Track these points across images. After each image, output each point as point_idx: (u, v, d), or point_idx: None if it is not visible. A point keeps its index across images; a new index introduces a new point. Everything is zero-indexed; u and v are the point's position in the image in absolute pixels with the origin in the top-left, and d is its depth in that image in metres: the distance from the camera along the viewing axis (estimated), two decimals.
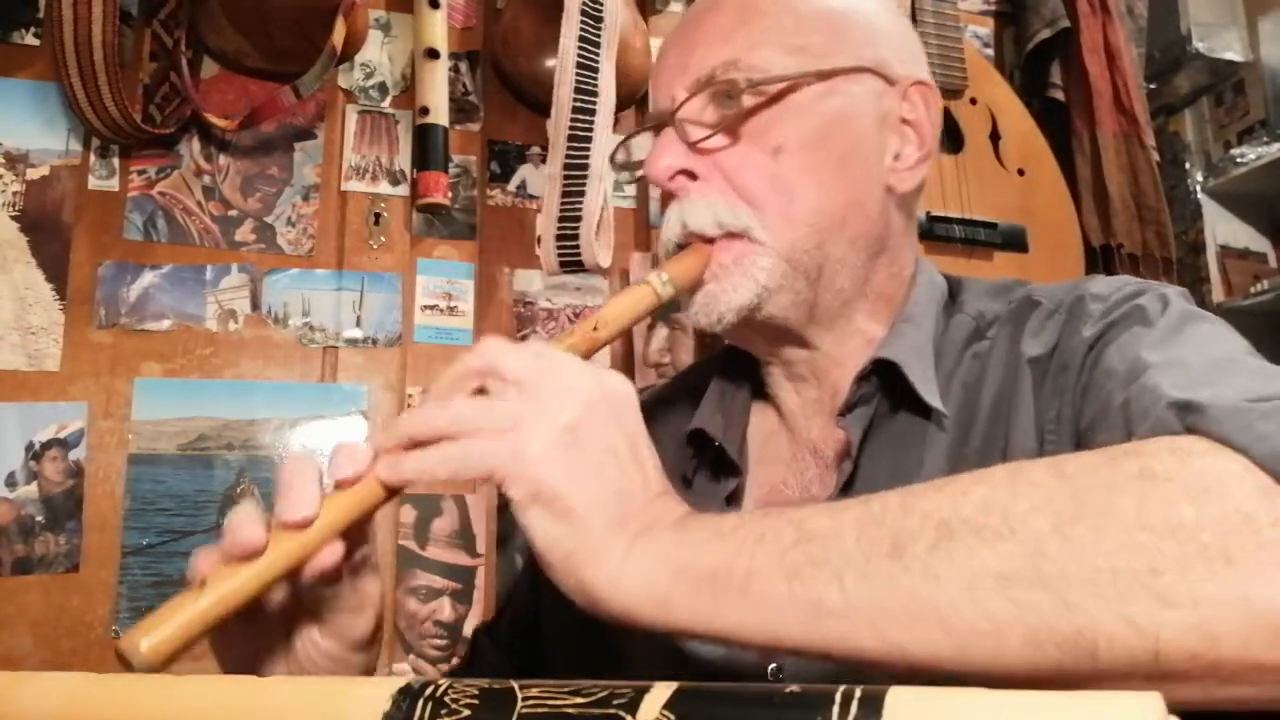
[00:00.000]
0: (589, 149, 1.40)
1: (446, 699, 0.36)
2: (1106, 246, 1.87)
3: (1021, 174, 1.81)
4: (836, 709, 0.31)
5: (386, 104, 1.63)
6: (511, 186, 1.69)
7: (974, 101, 1.81)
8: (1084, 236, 1.85)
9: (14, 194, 1.41)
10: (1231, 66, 2.12)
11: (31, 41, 1.46)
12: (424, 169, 1.55)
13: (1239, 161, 2.06)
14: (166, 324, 1.46)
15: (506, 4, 1.69)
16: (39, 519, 1.35)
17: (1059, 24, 1.91)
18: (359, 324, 1.55)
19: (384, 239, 1.59)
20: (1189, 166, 2.18)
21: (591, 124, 1.41)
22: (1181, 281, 1.91)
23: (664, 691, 0.34)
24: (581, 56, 1.41)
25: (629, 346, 1.67)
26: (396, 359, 1.55)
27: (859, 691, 0.31)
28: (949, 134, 1.77)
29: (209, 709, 0.40)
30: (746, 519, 0.48)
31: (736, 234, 0.67)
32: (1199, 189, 2.15)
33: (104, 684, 0.42)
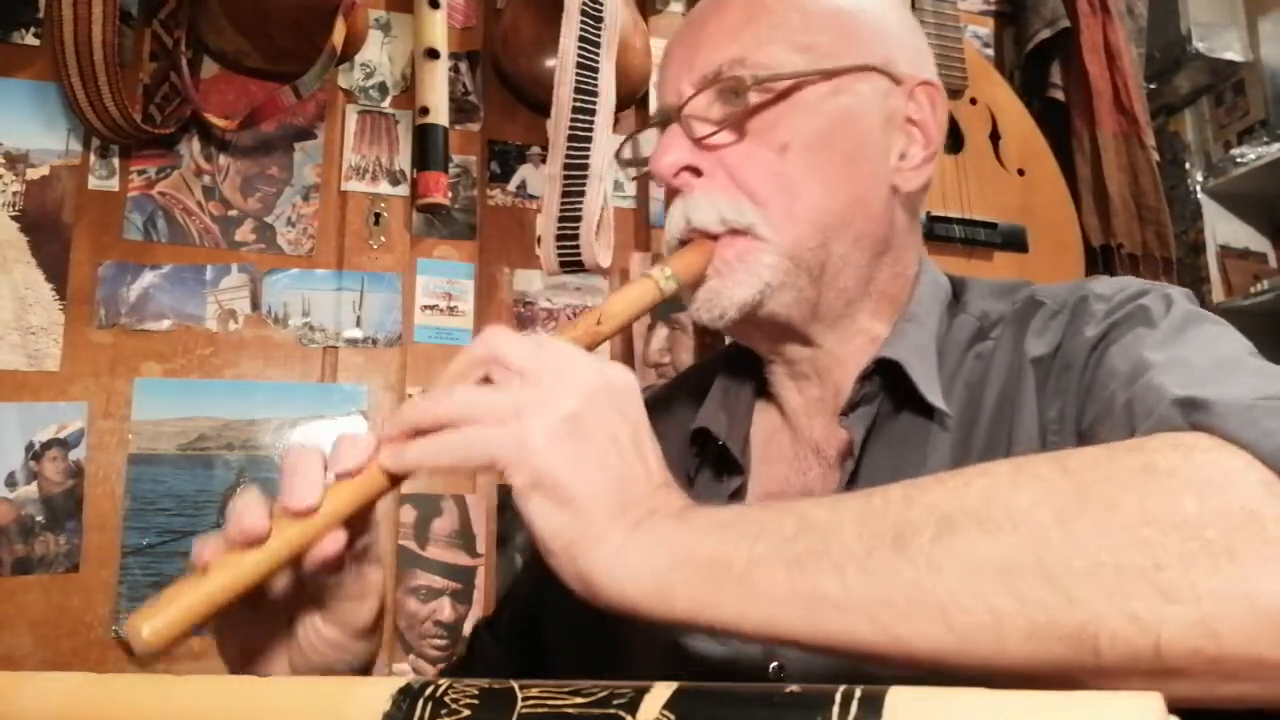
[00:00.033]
0: (589, 149, 1.40)
1: (446, 699, 0.36)
2: (1106, 246, 1.87)
3: (1021, 174, 1.81)
4: (836, 709, 0.31)
5: (386, 104, 1.63)
6: (511, 186, 1.69)
7: (974, 101, 1.81)
8: (1084, 236, 1.85)
9: (14, 194, 1.41)
10: (1231, 66, 2.12)
11: (31, 41, 1.46)
12: (424, 169, 1.55)
13: (1239, 161, 2.06)
14: (166, 324, 1.46)
15: (506, 4, 1.69)
16: (39, 519, 1.35)
17: (1059, 24, 1.91)
18: (359, 324, 1.55)
19: (384, 239, 1.59)
20: (1189, 166, 2.18)
21: (591, 124, 1.41)
22: (1181, 281, 1.90)
23: (664, 691, 0.34)
24: (581, 56, 1.41)
25: (629, 346, 1.67)
26: (396, 359, 1.55)
27: (859, 691, 0.31)
28: (949, 134, 1.76)
29: (209, 709, 0.40)
30: (747, 511, 0.49)
31: (740, 230, 0.67)
32: (1199, 189, 2.15)
33: (104, 684, 0.42)
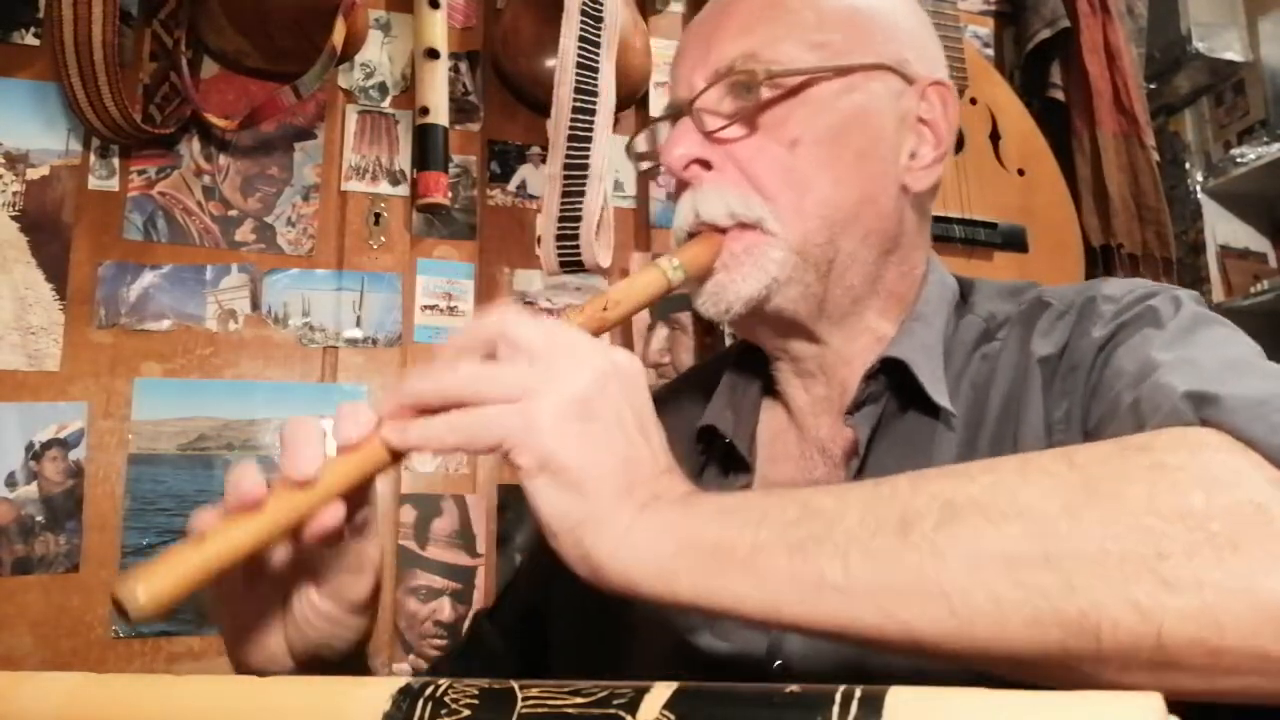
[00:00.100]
0: (589, 149, 1.40)
1: (446, 699, 0.36)
2: (1106, 246, 1.87)
3: (1021, 174, 1.81)
4: (836, 709, 0.31)
5: (386, 104, 1.63)
6: (511, 186, 1.69)
7: (974, 101, 1.81)
8: (1084, 236, 1.85)
9: (14, 194, 1.41)
10: (1231, 66, 2.11)
11: (31, 41, 1.46)
12: (424, 169, 1.55)
13: (1239, 161, 2.06)
14: (166, 324, 1.46)
15: (506, 4, 1.69)
16: (39, 519, 1.35)
17: (1059, 24, 1.91)
18: (359, 324, 1.55)
19: (384, 239, 1.59)
20: (1189, 166, 2.18)
21: (591, 124, 1.41)
22: (1181, 281, 1.91)
23: (664, 691, 0.34)
24: (581, 56, 1.41)
25: (629, 346, 1.67)
26: (396, 359, 1.55)
27: (859, 691, 0.31)
28: None
29: (209, 709, 0.40)
30: (751, 497, 0.49)
31: (749, 225, 0.67)
32: (1199, 189, 2.15)
33: (104, 684, 0.42)
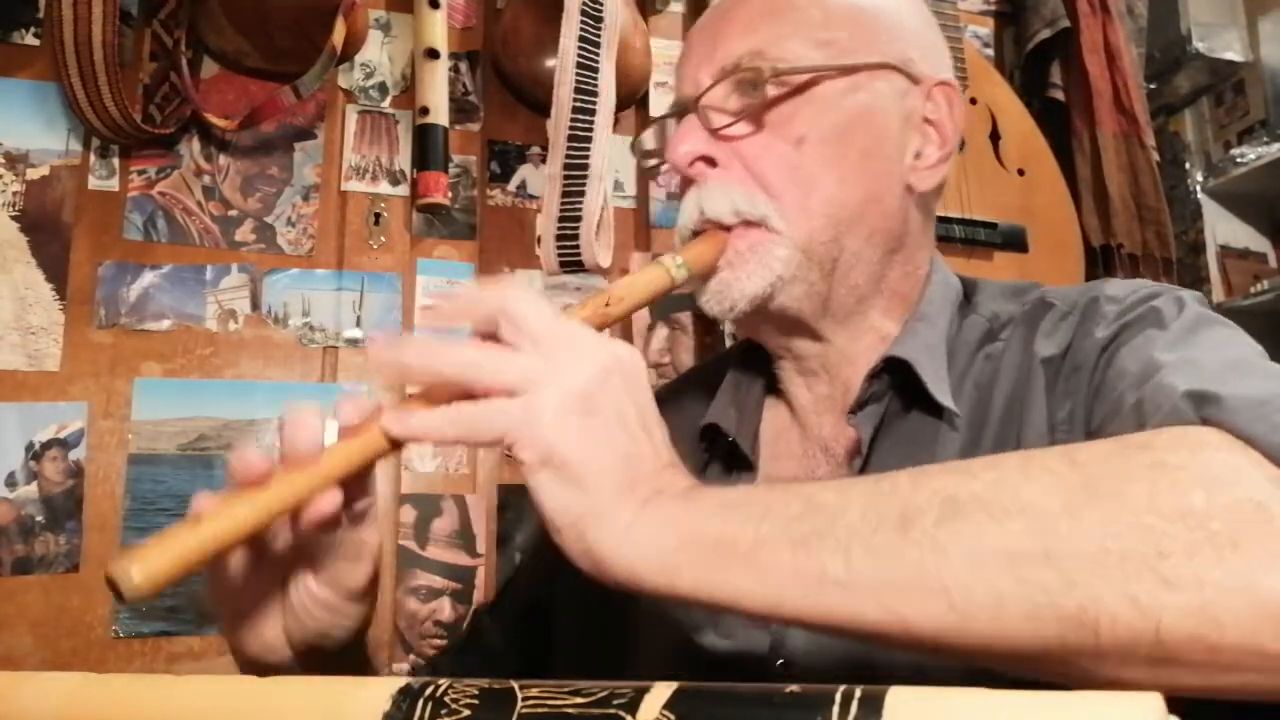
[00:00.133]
0: (589, 149, 1.40)
1: (446, 699, 0.36)
2: (1106, 246, 1.87)
3: (1021, 174, 1.81)
4: (836, 709, 0.31)
5: (386, 104, 1.63)
6: (511, 186, 1.69)
7: (974, 101, 1.81)
8: (1084, 236, 1.85)
9: (14, 194, 1.41)
10: (1231, 66, 2.11)
11: (31, 41, 1.46)
12: (424, 169, 1.55)
13: (1239, 161, 2.06)
14: (166, 324, 1.46)
15: (506, 4, 1.69)
16: (39, 519, 1.35)
17: (1059, 24, 1.91)
18: (359, 324, 1.55)
19: (384, 239, 1.59)
20: (1189, 166, 2.18)
21: (591, 124, 1.41)
22: (1181, 281, 1.91)
23: (664, 691, 0.34)
24: (581, 56, 1.41)
25: None
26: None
27: (859, 691, 0.31)
28: None
29: (209, 709, 0.40)
30: (753, 492, 0.49)
31: (754, 222, 0.67)
32: (1199, 189, 2.15)
33: (104, 684, 0.42)
